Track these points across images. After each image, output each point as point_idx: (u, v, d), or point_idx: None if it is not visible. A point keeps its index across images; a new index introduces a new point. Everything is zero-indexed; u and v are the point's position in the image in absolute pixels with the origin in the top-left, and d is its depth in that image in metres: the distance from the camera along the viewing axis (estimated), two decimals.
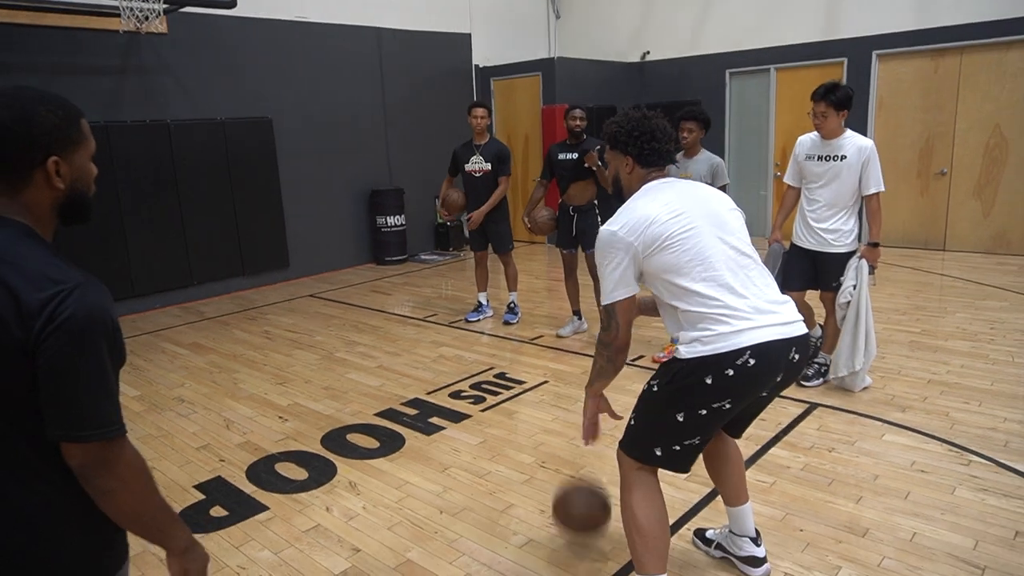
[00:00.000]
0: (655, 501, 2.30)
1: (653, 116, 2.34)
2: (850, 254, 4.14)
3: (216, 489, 3.49)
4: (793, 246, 4.39)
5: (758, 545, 2.61)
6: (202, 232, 7.62)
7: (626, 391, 4.50)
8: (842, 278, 4.12)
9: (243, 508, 3.29)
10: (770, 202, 9.52)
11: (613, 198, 2.49)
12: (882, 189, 4.08)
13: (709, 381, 2.09)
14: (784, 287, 4.41)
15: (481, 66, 10.49)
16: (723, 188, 4.49)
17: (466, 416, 4.24)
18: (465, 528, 3.05)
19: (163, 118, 7.27)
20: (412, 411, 4.35)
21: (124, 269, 7.07)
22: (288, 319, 6.75)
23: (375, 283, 8.25)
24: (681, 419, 2.16)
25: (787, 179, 4.42)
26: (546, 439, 3.88)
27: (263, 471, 3.65)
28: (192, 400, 4.73)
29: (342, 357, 5.49)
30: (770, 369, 2.13)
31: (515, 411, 4.28)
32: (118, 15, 6.01)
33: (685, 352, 2.15)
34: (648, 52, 10.57)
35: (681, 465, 2.25)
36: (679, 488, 3.27)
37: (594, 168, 5.11)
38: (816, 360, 4.43)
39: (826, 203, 4.15)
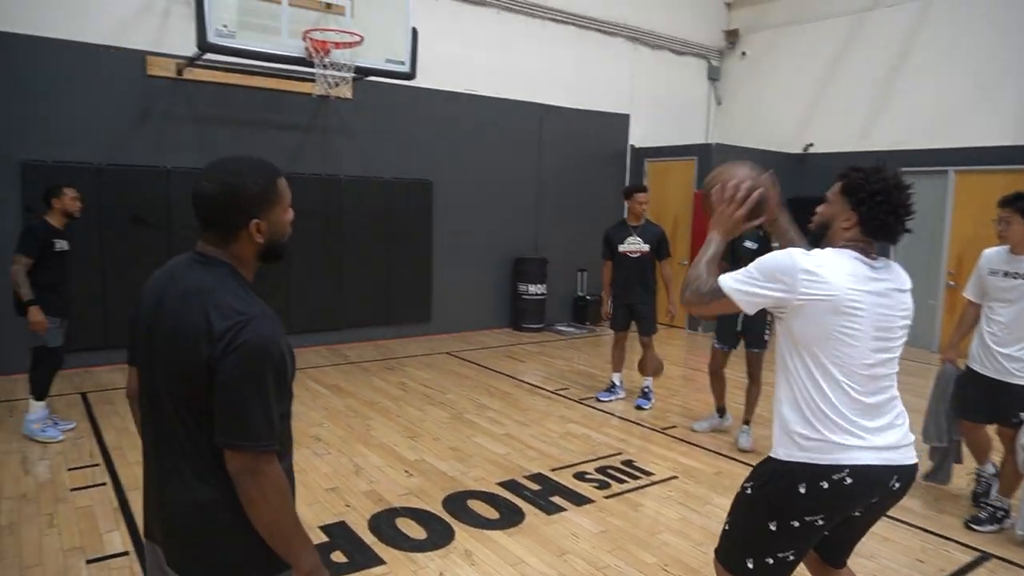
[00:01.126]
0: None
1: (906, 188, 2.06)
2: None
3: (339, 534, 3.57)
4: (969, 369, 3.97)
5: None
6: (356, 280, 8.10)
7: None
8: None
9: (362, 558, 3.34)
10: (939, 313, 8.75)
11: (807, 242, 2.24)
12: None
13: (803, 491, 1.99)
14: (962, 415, 4.00)
15: (637, 146, 10.61)
16: None
17: (589, 500, 4.10)
18: None
19: (337, 173, 7.91)
20: (535, 486, 4.28)
21: (283, 306, 7.62)
22: (425, 373, 6.95)
23: (510, 348, 8.35)
24: (774, 528, 2.04)
25: (967, 293, 4.04)
26: (671, 540, 3.67)
27: (385, 524, 3.70)
28: (328, 440, 4.93)
29: (471, 419, 5.54)
30: (865, 492, 2.01)
31: (640, 503, 4.10)
32: (313, 80, 6.66)
33: (782, 454, 2.06)
34: (811, 144, 10.25)
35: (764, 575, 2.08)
36: None
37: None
38: (990, 502, 3.91)
39: (1009, 325, 3.73)
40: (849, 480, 1.96)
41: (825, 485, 1.97)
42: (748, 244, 5.08)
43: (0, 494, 3.93)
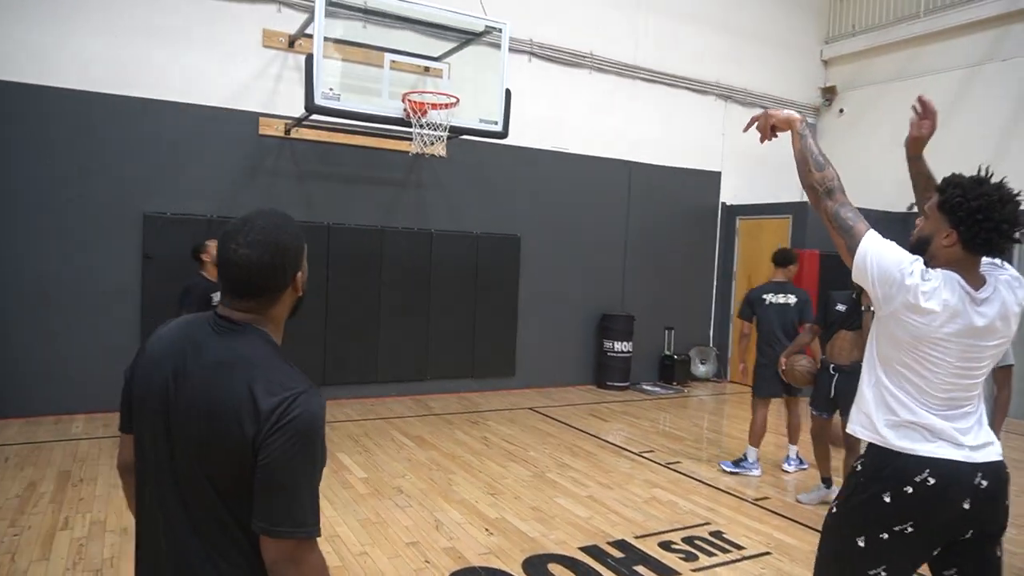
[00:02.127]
0: None
1: (1011, 200, 1.96)
2: None
3: None
4: None
5: None
6: (442, 332, 8.21)
7: None
8: None
9: None
10: None
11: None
12: None
13: (888, 499, 1.98)
14: None
15: (728, 204, 10.43)
16: None
17: (675, 572, 3.90)
18: None
19: (428, 227, 8.14)
20: (618, 553, 4.11)
21: (372, 355, 7.81)
22: (507, 429, 6.90)
23: (594, 406, 8.20)
24: (863, 544, 2.01)
25: None
26: None
27: None
28: (409, 493, 4.94)
29: (553, 479, 5.43)
30: (952, 493, 1.96)
31: None
32: (410, 139, 6.93)
33: (866, 435, 2.09)
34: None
35: None
36: None
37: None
38: None
39: None
40: (932, 480, 1.95)
41: (910, 490, 1.96)
42: (839, 307, 4.93)
43: (104, 527, 4.12)
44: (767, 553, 4.24)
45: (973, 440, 2.01)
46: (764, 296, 5.83)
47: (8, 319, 6.31)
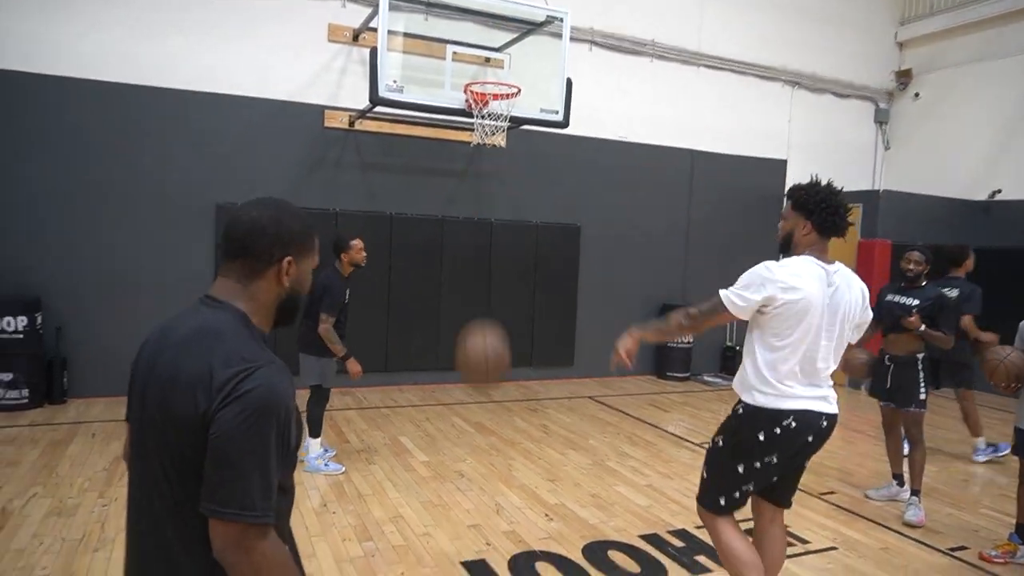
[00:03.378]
0: (742, 536, 2.82)
1: (838, 192, 2.70)
2: None
3: (480, 572, 3.60)
4: None
5: None
6: (502, 321, 8.23)
7: None
8: None
9: None
10: None
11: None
12: None
13: (761, 437, 2.67)
14: None
15: None
16: None
17: None
18: None
19: (488, 217, 8.20)
20: (678, 542, 4.09)
21: (433, 343, 7.93)
22: (566, 417, 6.93)
23: (654, 397, 8.14)
24: (741, 471, 2.72)
25: None
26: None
27: (524, 567, 3.69)
28: (471, 477, 5.02)
29: (613, 467, 5.43)
30: (804, 431, 2.69)
31: (795, 573, 3.79)
32: (471, 130, 7.00)
33: (746, 399, 2.74)
34: (999, 190, 9.31)
35: (739, 506, 2.81)
36: None
37: (914, 330, 4.57)
38: None
39: None
40: (794, 424, 2.66)
41: (777, 431, 2.65)
42: (891, 298, 4.92)
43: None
44: (833, 548, 4.14)
45: (828, 395, 2.80)
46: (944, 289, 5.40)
47: (94, 304, 6.68)
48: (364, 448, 5.57)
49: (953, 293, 5.68)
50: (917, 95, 10.58)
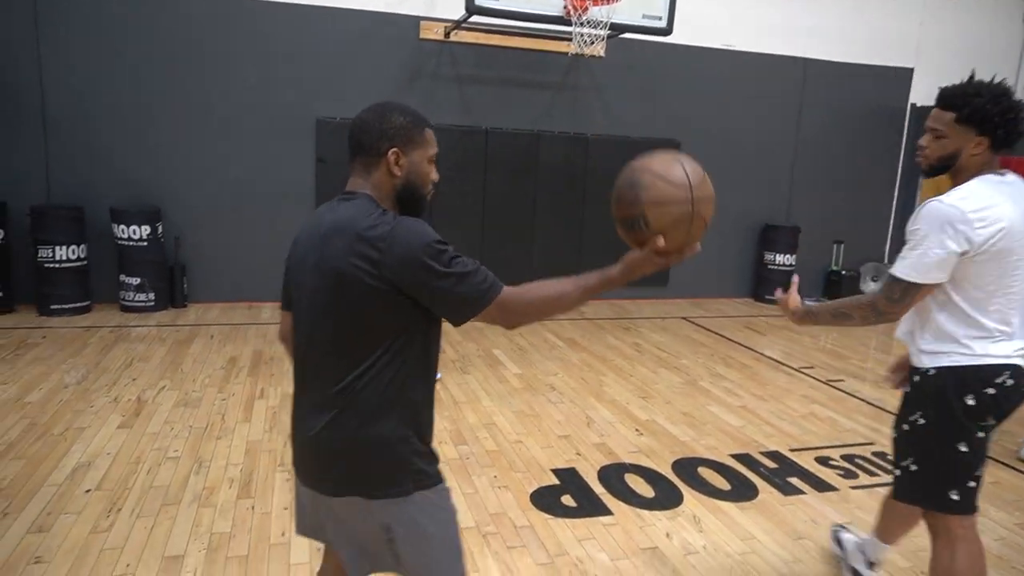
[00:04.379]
0: (983, 557, 2.23)
1: (1010, 91, 2.08)
2: None
3: (570, 479, 3.70)
4: None
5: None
6: (596, 238, 8.19)
7: None
8: None
9: (590, 505, 3.43)
10: None
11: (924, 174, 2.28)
12: None
13: (971, 402, 2.10)
14: None
15: (919, 105, 9.31)
16: None
17: (832, 488, 3.79)
18: None
19: (584, 132, 7.99)
20: (771, 463, 4.05)
21: (527, 258, 7.98)
22: (659, 336, 6.88)
23: (750, 319, 7.93)
24: (965, 449, 2.14)
25: None
26: (926, 545, 3.26)
27: (614, 477, 3.76)
28: (562, 390, 5.11)
29: (705, 387, 5.38)
30: (1020, 390, 2.13)
31: None
32: (568, 39, 6.74)
33: (941, 362, 2.15)
34: None
35: (974, 504, 2.20)
36: None
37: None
38: None
39: None
40: (1011, 382, 2.10)
41: (991, 391, 2.09)
42: None
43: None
44: None
45: None
46: None
47: (207, 215, 7.07)
48: (459, 358, 5.75)
49: None
50: None
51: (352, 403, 1.58)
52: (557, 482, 3.66)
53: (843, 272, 9.06)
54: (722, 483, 3.78)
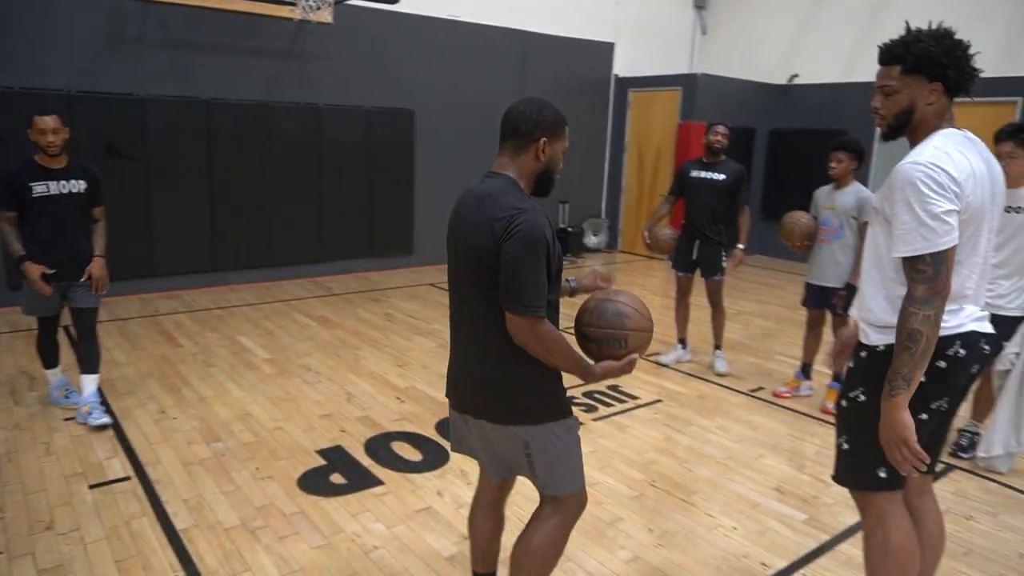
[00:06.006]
0: (913, 531, 2.09)
1: (952, 32, 1.94)
2: (1020, 319, 3.75)
3: (337, 457, 3.67)
4: None
5: None
6: (336, 212, 8.02)
7: (744, 421, 4.37)
8: (1006, 344, 3.76)
9: (361, 479, 3.44)
10: None
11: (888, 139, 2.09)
12: None
13: (924, 379, 1.87)
14: None
15: (621, 76, 10.46)
16: (865, 224, 4.23)
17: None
18: (572, 534, 3.04)
19: (316, 102, 7.72)
20: None
21: (264, 238, 7.56)
22: (409, 305, 6.99)
23: None
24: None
25: None
26: (657, 458, 3.82)
27: (380, 447, 3.80)
28: (318, 370, 4.99)
29: None
30: (972, 360, 1.97)
31: (627, 425, 4.24)
32: (293, 3, 6.42)
33: (885, 339, 1.96)
34: (797, 75, 10.18)
35: (903, 481, 2.04)
36: (795, 530, 3.14)
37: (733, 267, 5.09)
38: (968, 429, 4.06)
39: (1001, 261, 3.65)
40: (962, 352, 1.94)
41: (943, 364, 1.92)
42: (696, 174, 5.16)
43: None
44: (658, 401, 4.65)
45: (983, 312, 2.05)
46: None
47: None
48: (199, 351, 5.32)
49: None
50: None
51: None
52: (324, 462, 3.61)
53: (569, 229, 9.95)
54: None
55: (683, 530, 3.11)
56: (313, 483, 3.38)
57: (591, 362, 2.04)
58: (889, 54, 1.99)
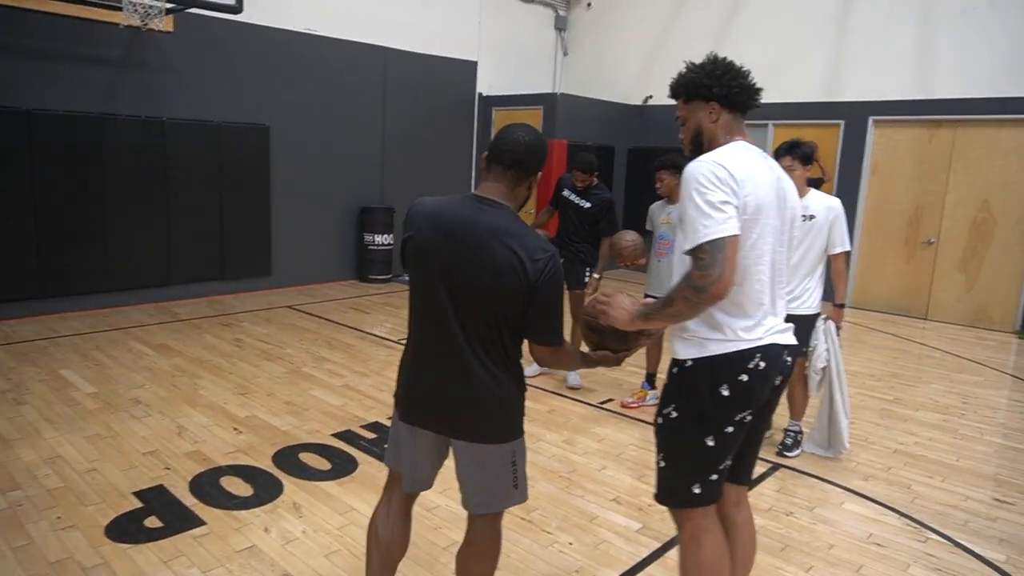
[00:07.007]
0: (724, 543, 2.18)
1: (728, 60, 2.13)
2: (815, 316, 4.07)
3: (155, 498, 3.38)
4: None
5: None
6: (186, 233, 7.54)
7: (591, 434, 4.44)
8: (813, 341, 4.06)
9: (179, 521, 3.18)
10: None
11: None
12: (848, 248, 4.08)
13: (726, 392, 2.01)
14: None
15: (484, 94, 10.56)
16: None
17: None
18: (404, 563, 2.94)
19: (159, 116, 7.25)
20: (371, 435, 4.25)
21: (101, 261, 6.98)
22: (262, 328, 6.66)
23: (356, 300, 8.17)
24: (713, 443, 2.05)
25: None
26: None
27: (207, 484, 3.54)
28: (149, 403, 4.62)
29: (309, 372, 5.40)
30: (773, 371, 2.08)
31: None
32: (120, 8, 6.00)
33: (694, 351, 2.06)
34: (651, 96, 10.67)
35: (719, 491, 2.14)
36: (629, 540, 3.19)
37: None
38: (790, 428, 4.32)
39: (793, 265, 3.95)
40: (762, 364, 2.04)
41: (745, 378, 2.01)
42: (567, 194, 5.30)
43: None
44: None
45: (784, 325, 2.16)
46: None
47: None
48: (11, 387, 4.79)
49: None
50: (589, 5, 11.49)
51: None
52: (140, 505, 3.31)
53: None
54: (323, 464, 3.84)
55: (519, 550, 3.09)
56: (122, 529, 3.09)
57: (588, 351, 2.28)
58: (672, 90, 2.23)
